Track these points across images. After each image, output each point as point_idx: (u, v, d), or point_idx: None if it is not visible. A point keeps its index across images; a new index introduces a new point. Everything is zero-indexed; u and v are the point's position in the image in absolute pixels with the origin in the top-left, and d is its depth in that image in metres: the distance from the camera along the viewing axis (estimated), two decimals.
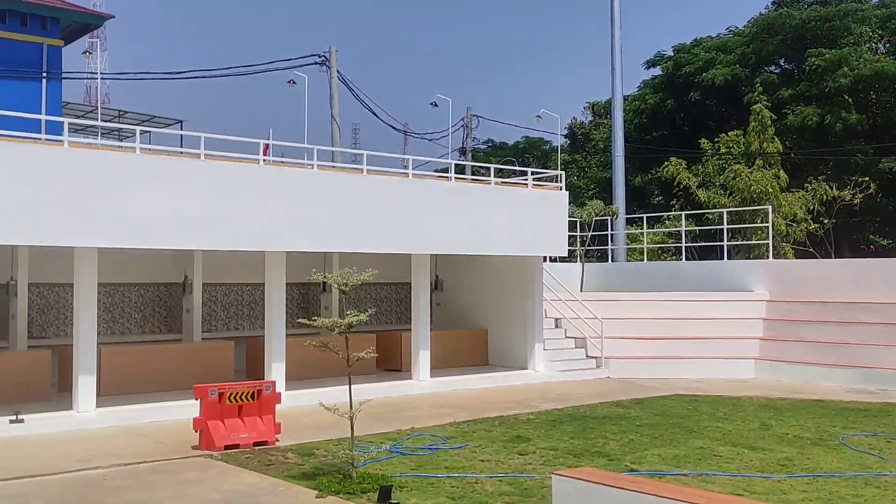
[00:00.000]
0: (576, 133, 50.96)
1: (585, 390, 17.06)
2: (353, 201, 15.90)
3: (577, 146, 50.51)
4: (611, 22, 29.53)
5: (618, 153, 29.78)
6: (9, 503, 8.64)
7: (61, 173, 12.82)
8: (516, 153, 54.33)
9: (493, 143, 57.62)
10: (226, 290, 19.71)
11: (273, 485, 9.39)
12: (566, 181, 19.94)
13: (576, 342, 20.50)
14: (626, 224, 30.28)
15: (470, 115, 39.94)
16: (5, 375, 14.42)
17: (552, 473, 7.58)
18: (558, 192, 19.31)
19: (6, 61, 27.34)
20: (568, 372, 19.23)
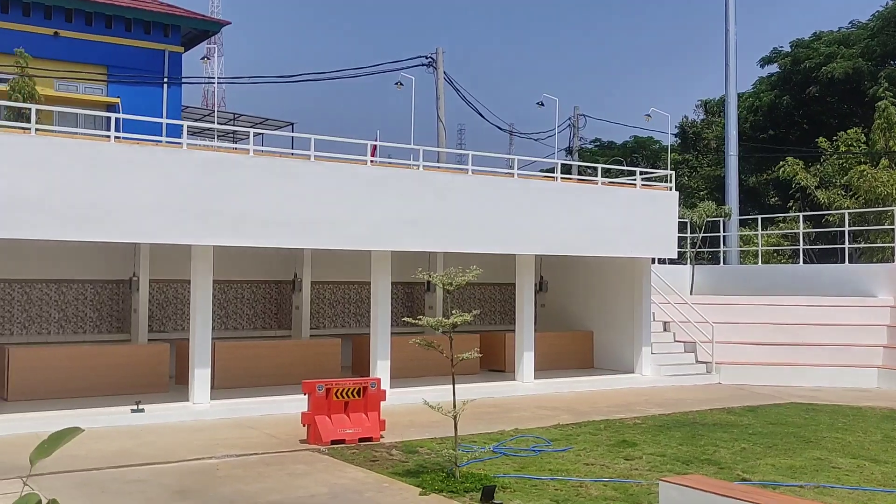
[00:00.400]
0: (687, 132, 49.73)
1: (695, 396, 16.65)
2: (459, 201, 15.98)
3: (688, 145, 49.30)
4: (725, 18, 28.70)
5: (731, 152, 28.91)
6: (129, 488, 9.06)
7: (180, 174, 13.36)
8: (625, 153, 53.45)
9: (601, 143, 56.86)
10: (333, 289, 20.14)
11: (377, 480, 9.52)
12: (676, 181, 19.50)
13: (685, 346, 20.03)
14: (739, 226, 29.38)
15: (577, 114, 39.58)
16: (127, 367, 15.14)
17: (659, 479, 7.42)
18: (667, 193, 18.91)
19: (131, 68, 28.68)
20: (676, 377, 18.81)
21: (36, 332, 16.76)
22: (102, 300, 17.53)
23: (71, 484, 9.03)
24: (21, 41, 24.31)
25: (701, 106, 50.56)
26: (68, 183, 12.45)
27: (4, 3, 26.61)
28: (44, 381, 14.35)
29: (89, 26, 28.44)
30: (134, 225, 13.01)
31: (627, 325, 19.35)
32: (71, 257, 16.84)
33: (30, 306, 16.75)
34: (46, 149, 12.55)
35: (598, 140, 57.36)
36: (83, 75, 27.96)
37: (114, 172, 12.80)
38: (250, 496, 8.78)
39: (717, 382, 18.83)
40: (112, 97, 28.19)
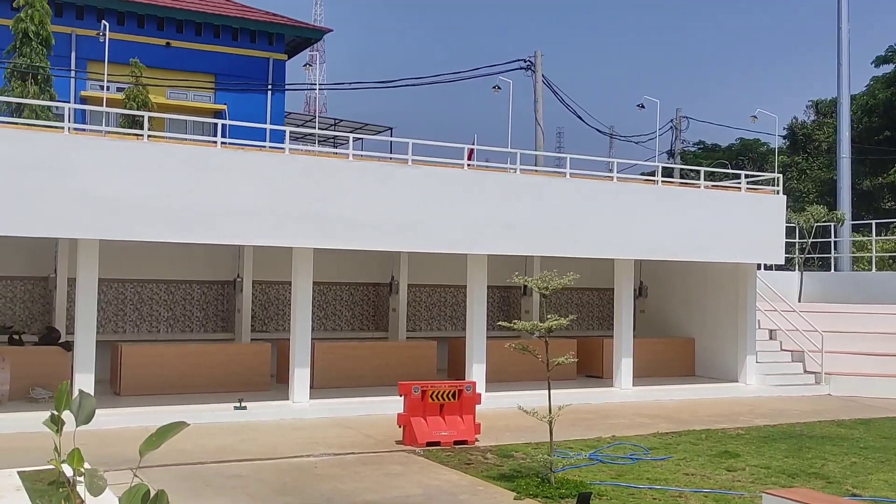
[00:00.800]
0: (796, 133, 48.10)
1: (802, 407, 16.06)
2: (556, 205, 15.88)
3: (797, 147, 47.67)
4: (838, 15, 27.62)
5: (843, 154, 27.77)
6: (231, 483, 9.35)
7: (282, 178, 13.73)
8: (730, 155, 52.07)
9: (705, 145, 55.54)
10: (430, 292, 20.30)
11: (472, 483, 9.55)
12: (785, 185, 18.89)
13: (792, 356, 19.34)
14: (851, 231, 28.18)
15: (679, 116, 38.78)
16: (231, 365, 15.63)
17: (763, 492, 7.20)
18: (775, 196, 18.32)
19: (237, 76, 29.67)
20: (783, 387, 18.18)
21: (146, 330, 17.49)
22: (208, 300, 18.15)
23: (177, 477, 9.37)
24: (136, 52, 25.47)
25: (812, 107, 48.86)
26: (177, 187, 12.95)
27: (120, 16, 27.92)
28: (153, 377, 14.95)
29: (199, 36, 29.57)
30: (238, 227, 13.43)
31: (731, 332, 18.82)
32: (179, 259, 17.49)
33: (141, 305, 17.49)
34: (158, 154, 13.08)
35: (701, 142, 56.10)
36: (192, 83, 29.07)
37: (220, 177, 13.25)
38: (347, 494, 8.94)
39: (827, 394, 18.11)
40: (219, 104, 29.24)
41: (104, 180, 12.45)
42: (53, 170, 12.19)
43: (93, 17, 27.39)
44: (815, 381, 18.59)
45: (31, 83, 20.42)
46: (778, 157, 45.12)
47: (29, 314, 16.58)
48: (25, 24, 20.35)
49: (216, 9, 30.01)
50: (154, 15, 28.60)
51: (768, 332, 19.79)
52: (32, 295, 16.63)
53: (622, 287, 17.48)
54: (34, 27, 20.37)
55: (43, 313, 16.64)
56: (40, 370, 14.27)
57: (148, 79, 24.22)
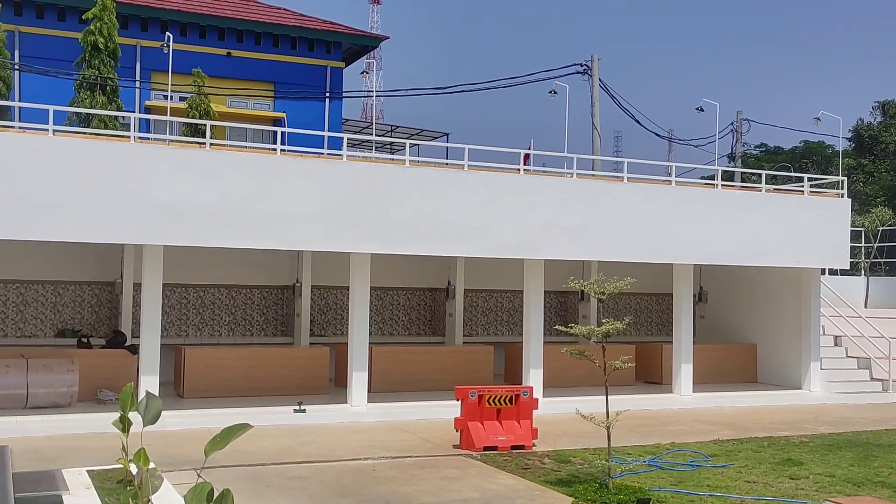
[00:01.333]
0: (862, 135, 47.02)
1: (868, 415, 15.70)
2: (613, 209, 15.81)
3: (863, 150, 46.60)
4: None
5: None
6: (291, 484, 9.52)
7: (340, 185, 13.93)
8: (793, 158, 51.11)
9: (767, 148, 54.63)
10: (486, 296, 20.35)
11: (529, 488, 9.56)
12: (850, 188, 18.51)
13: (858, 362, 18.92)
14: None
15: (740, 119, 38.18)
16: (291, 369, 15.88)
17: (826, 500, 7.08)
18: (839, 200, 17.95)
19: (296, 84, 30.12)
20: (848, 394, 17.80)
21: (209, 334, 17.87)
22: (268, 305, 18.47)
23: (239, 477, 9.57)
24: (198, 62, 26.04)
25: (878, 108, 47.73)
26: (238, 193, 13.25)
27: (183, 27, 28.60)
28: (215, 380, 15.29)
29: (258, 46, 30.11)
30: (297, 233, 13.67)
31: (794, 338, 18.49)
32: (240, 264, 17.85)
33: (203, 310, 17.88)
34: (219, 162, 13.40)
35: (763, 145, 55.22)
36: (252, 92, 29.61)
37: (279, 183, 13.52)
38: (405, 497, 9.03)
39: (895, 402, 17.67)
40: (278, 112, 29.71)
41: (168, 187, 12.80)
42: (119, 178, 12.57)
43: (156, 28, 28.10)
44: (882, 389, 18.19)
45: (99, 94, 21.03)
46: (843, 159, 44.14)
47: (96, 318, 17.08)
48: (95, 36, 20.97)
49: (275, 18, 30.53)
50: (215, 26, 29.22)
51: (833, 338, 19.39)
52: (100, 299, 17.14)
53: (681, 292, 17.30)
54: (103, 40, 20.98)
55: (110, 317, 17.13)
56: (107, 373, 14.69)
57: (209, 88, 24.73)
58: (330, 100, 31.20)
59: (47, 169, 12.17)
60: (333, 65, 31.30)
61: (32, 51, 25.99)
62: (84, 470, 9.01)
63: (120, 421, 7.63)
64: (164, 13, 28.31)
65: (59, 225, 12.26)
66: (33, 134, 12.77)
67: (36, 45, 26.26)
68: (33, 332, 16.54)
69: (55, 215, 12.19)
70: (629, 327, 20.94)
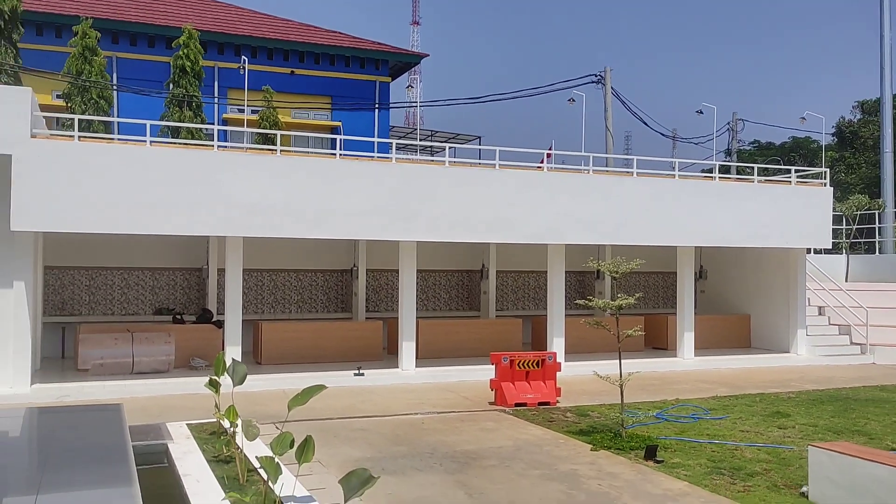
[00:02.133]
0: (844, 131, 46.12)
1: (848, 374, 15.59)
2: (625, 201, 15.83)
3: (845, 144, 45.69)
4: (880, 23, 26.39)
5: (886, 150, 26.55)
6: (354, 435, 9.79)
7: (389, 183, 14.12)
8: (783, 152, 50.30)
9: (760, 144, 53.74)
10: (515, 277, 20.48)
11: (554, 437, 9.73)
12: (834, 178, 18.31)
13: (839, 329, 18.75)
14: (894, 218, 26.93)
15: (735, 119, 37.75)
16: (350, 340, 16.18)
17: (809, 445, 7.17)
18: (821, 189, 17.77)
19: (350, 97, 30.38)
20: (831, 357, 17.66)
21: (281, 311, 18.23)
22: (330, 286, 18.78)
23: (312, 429, 9.81)
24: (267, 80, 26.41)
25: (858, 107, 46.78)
26: (304, 192, 13.49)
27: (253, 50, 28.96)
28: (287, 349, 15.63)
29: (317, 65, 30.39)
30: (353, 225, 13.89)
31: (783, 308, 18.38)
32: (306, 252, 18.16)
33: (276, 290, 18.24)
34: (288, 165, 13.64)
35: (756, 141, 54.33)
36: (313, 105, 29.92)
37: (338, 183, 13.73)
38: (450, 445, 9.25)
39: (871, 363, 17.51)
40: (335, 121, 29.99)
41: (245, 188, 13.08)
42: (204, 180, 12.87)
43: (231, 52, 28.50)
44: (860, 352, 18.01)
45: (186, 109, 21.43)
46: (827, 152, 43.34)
47: (187, 298, 17.50)
48: (182, 61, 21.35)
49: (331, 41, 30.77)
50: (281, 48, 29.54)
51: (818, 308, 19.22)
52: (190, 283, 17.55)
53: (684, 270, 17.29)
54: (189, 63, 21.35)
55: (198, 298, 17.54)
56: (197, 344, 15.10)
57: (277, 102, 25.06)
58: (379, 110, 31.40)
59: (145, 174, 12.49)
60: (381, 80, 31.49)
61: (129, 73, 26.52)
62: (184, 423, 9.33)
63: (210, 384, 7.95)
64: (238, 39, 28.71)
65: (156, 221, 12.57)
66: (132, 145, 13.12)
67: (131, 68, 26.78)
68: (136, 310, 17.00)
69: (153, 213, 12.51)
70: (639, 301, 20.98)
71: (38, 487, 4.62)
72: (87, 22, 20.65)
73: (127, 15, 27.84)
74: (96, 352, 13.80)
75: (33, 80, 21.00)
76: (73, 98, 20.26)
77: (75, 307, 16.48)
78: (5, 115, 11.61)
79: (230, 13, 31.71)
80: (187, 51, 21.28)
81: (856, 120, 46.43)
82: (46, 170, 11.84)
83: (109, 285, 16.83)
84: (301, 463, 5.75)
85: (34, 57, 23.87)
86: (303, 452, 5.67)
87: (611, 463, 8.44)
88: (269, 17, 32.40)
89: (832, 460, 6.63)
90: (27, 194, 11.67)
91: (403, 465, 8.27)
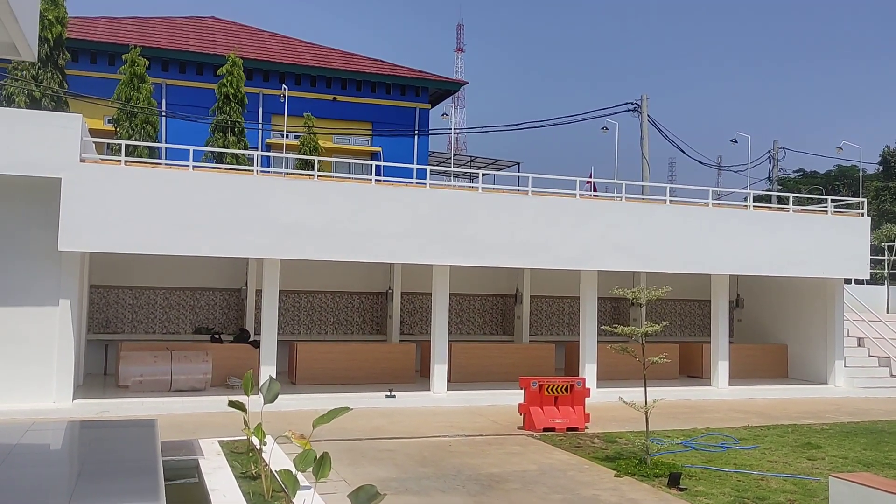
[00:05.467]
0: (889, 160, 45.27)
1: (886, 406, 15.23)
2: (658, 228, 15.80)
3: (890, 173, 44.81)
4: None
5: None
6: (382, 455, 9.90)
7: (424, 208, 14.31)
8: (827, 181, 49.45)
9: (804, 172, 52.97)
10: (549, 302, 20.47)
11: (579, 462, 9.73)
12: (879, 207, 18.04)
13: (879, 361, 18.34)
14: None
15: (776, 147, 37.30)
16: (384, 361, 16.34)
17: (830, 475, 7.08)
18: (859, 219, 17.50)
19: (390, 123, 30.85)
20: (869, 389, 17.28)
21: (317, 332, 18.49)
22: (365, 308, 19.00)
23: (340, 449, 10.01)
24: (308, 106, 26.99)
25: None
26: (342, 216, 13.76)
27: (297, 77, 29.64)
28: (321, 370, 15.85)
29: (358, 91, 30.95)
30: (389, 248, 14.09)
31: (821, 339, 18.06)
32: (342, 274, 18.42)
33: (312, 311, 18.52)
34: (326, 190, 13.94)
35: (801, 170, 53.56)
36: (353, 131, 30.45)
37: (374, 207, 13.98)
38: (474, 467, 9.31)
39: None
40: (375, 147, 30.44)
41: (285, 211, 13.40)
42: (245, 204, 13.22)
43: (275, 79, 29.22)
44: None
45: (229, 135, 22.03)
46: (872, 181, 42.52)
47: (226, 318, 17.88)
48: (226, 88, 21.99)
49: (372, 69, 31.35)
50: (323, 76, 30.18)
51: (857, 339, 18.85)
52: (228, 303, 17.94)
53: (718, 299, 17.13)
54: (233, 90, 21.98)
55: (236, 318, 17.91)
56: (234, 363, 15.41)
57: (318, 128, 25.58)
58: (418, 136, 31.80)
59: (187, 197, 12.88)
60: (421, 106, 31.92)
61: (177, 99, 27.34)
62: (216, 440, 9.56)
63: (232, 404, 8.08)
64: (282, 66, 29.42)
65: (197, 242, 12.94)
66: (175, 169, 13.54)
67: (180, 95, 27.61)
68: (176, 329, 17.42)
69: (194, 235, 12.88)
70: (673, 328, 20.81)
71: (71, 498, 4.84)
72: (136, 50, 21.42)
73: (177, 44, 28.78)
74: (136, 369, 14.18)
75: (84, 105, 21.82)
76: (121, 123, 20.98)
77: (119, 325, 16.96)
78: (56, 140, 12.13)
79: (275, 42, 32.54)
80: (231, 78, 21.91)
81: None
82: (94, 193, 12.31)
83: (152, 304, 17.28)
84: (318, 478, 5.90)
85: (87, 83, 24.81)
86: (319, 468, 5.83)
87: (633, 489, 8.41)
88: (313, 46, 33.16)
89: (852, 491, 6.56)
90: (75, 216, 12.14)
91: (427, 486, 8.35)
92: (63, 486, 5.37)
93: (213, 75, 25.78)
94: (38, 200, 12.65)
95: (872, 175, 45.17)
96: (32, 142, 11.97)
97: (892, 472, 9.35)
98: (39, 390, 12.51)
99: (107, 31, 28.38)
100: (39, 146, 11.99)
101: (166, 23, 31.82)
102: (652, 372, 10.60)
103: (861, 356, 18.44)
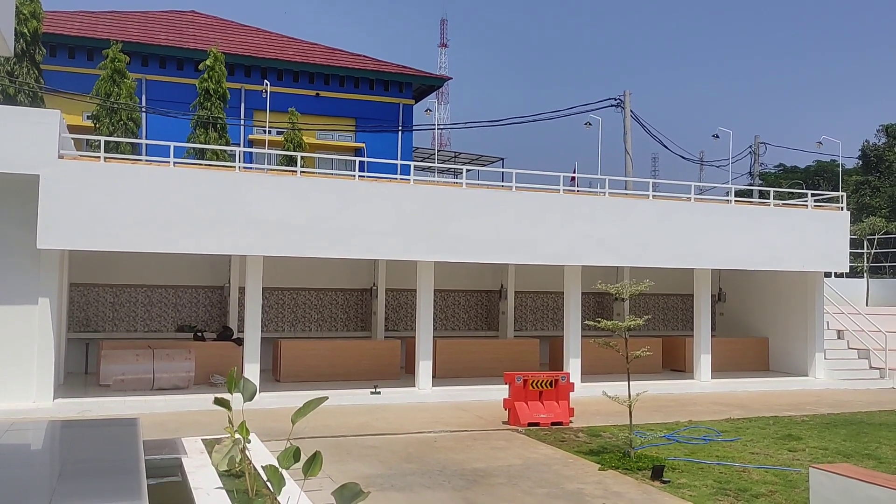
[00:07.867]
0: (868, 155, 45.72)
1: (865, 398, 15.41)
2: (640, 223, 15.88)
3: (870, 167, 45.27)
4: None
5: None
6: (366, 452, 9.90)
7: (408, 204, 14.30)
8: (807, 176, 49.89)
9: (784, 167, 53.39)
10: (533, 297, 20.53)
11: (564, 456, 9.78)
12: (858, 201, 18.21)
13: (858, 353, 18.55)
14: None
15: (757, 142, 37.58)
16: (368, 358, 16.32)
17: (811, 466, 7.16)
18: (838, 213, 17.68)
19: (373, 119, 30.76)
20: (849, 381, 17.47)
21: (301, 329, 18.43)
22: (350, 305, 18.97)
23: (325, 446, 9.98)
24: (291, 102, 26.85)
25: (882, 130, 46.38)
26: (325, 212, 13.71)
27: (279, 73, 29.47)
28: (306, 367, 15.81)
29: (342, 87, 30.83)
30: (373, 244, 14.07)
31: (801, 332, 18.24)
32: (326, 271, 18.37)
33: (296, 309, 18.46)
34: (309, 186, 13.88)
35: (781, 165, 53.99)
36: (337, 127, 30.33)
37: (358, 203, 13.95)
38: (459, 462, 9.33)
39: (890, 387, 17.28)
40: (359, 143, 30.34)
41: (268, 208, 13.33)
42: (227, 200, 13.13)
43: (257, 74, 29.02)
44: (879, 376, 17.82)
45: (211, 131, 21.86)
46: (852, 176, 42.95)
47: (209, 316, 17.78)
48: (207, 83, 21.81)
49: (356, 64, 31.22)
50: (306, 71, 30.03)
51: (837, 332, 19.05)
52: (211, 300, 17.84)
53: (700, 293, 17.25)
54: (214, 86, 21.80)
55: (219, 315, 17.81)
56: (217, 361, 15.33)
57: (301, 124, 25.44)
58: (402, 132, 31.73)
59: (168, 194, 12.78)
60: (405, 102, 31.83)
61: (158, 95, 27.08)
62: (199, 438, 9.50)
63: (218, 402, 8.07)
64: (264, 61, 29.24)
65: (178, 239, 12.84)
66: (156, 166, 13.44)
67: (161, 90, 27.36)
68: (158, 327, 17.30)
69: (176, 232, 12.78)
70: (656, 322, 20.93)
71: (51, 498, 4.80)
72: (117, 46, 21.19)
73: (157, 38, 28.52)
74: (118, 367, 14.08)
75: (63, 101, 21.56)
76: (101, 119, 20.77)
77: (99, 323, 16.82)
78: (34, 136, 11.99)
79: (258, 37, 32.33)
80: (212, 73, 21.74)
81: (880, 143, 46.02)
82: (73, 189, 12.18)
83: (133, 302, 17.15)
84: (307, 476, 5.88)
85: (65, 79, 24.54)
86: (310, 466, 5.80)
87: (617, 482, 8.46)
88: (295, 41, 32.98)
89: (832, 482, 6.63)
90: (54, 213, 12.02)
91: (412, 482, 8.36)
92: (44, 486, 5.32)
93: (195, 70, 25.56)
94: (15, 198, 12.51)
95: (852, 170, 45.61)
96: (9, 138, 11.82)
97: (871, 463, 9.47)
98: (19, 390, 12.39)
99: (85, 26, 28.06)
100: (16, 143, 11.85)
101: (146, 17, 31.51)
102: (635, 366, 10.65)
103: (841, 349, 18.64)
